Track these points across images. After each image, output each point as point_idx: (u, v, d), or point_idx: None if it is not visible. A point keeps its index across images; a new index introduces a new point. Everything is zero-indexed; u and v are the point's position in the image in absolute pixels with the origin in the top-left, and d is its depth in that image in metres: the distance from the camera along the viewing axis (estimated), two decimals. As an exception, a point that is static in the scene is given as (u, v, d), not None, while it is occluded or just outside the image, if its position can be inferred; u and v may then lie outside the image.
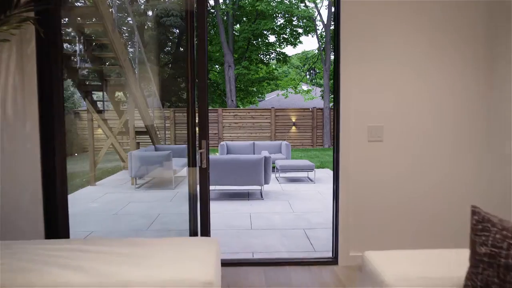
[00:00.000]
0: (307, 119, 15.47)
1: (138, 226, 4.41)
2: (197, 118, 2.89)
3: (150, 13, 16.11)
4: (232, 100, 17.78)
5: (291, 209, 5.20)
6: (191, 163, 2.94)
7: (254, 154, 9.26)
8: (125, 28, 14.41)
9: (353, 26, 2.91)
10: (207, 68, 2.92)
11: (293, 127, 15.43)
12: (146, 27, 16.45)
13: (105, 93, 6.83)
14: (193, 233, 3.04)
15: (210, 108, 19.54)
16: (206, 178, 2.96)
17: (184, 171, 6.72)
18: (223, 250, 3.54)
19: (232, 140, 14.97)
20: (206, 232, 3.00)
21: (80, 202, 5.63)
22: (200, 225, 2.99)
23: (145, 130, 7.54)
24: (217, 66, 21.64)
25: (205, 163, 2.91)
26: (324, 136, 15.39)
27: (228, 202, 5.69)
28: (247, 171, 5.77)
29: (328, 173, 8.59)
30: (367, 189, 3.04)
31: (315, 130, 15.48)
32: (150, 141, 7.92)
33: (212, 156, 6.01)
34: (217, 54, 20.02)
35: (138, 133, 7.50)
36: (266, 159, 5.92)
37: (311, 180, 7.56)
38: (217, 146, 10.06)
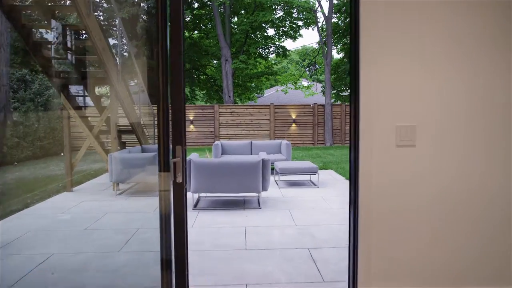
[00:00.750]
0: (308, 116, 14.81)
1: (111, 246, 3.69)
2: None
3: (142, 4, 15.31)
4: (229, 96, 17.00)
5: (292, 221, 4.48)
6: (162, 167, 2.19)
7: (251, 154, 8.52)
8: (116, 20, 13.65)
9: (375, 13, 2.20)
10: (183, 55, 2.24)
11: (293, 124, 14.74)
12: (140, 19, 15.65)
13: (83, 87, 6.09)
14: (165, 263, 2.32)
15: (207, 104, 18.80)
16: (182, 197, 2.23)
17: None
18: (209, 281, 2.83)
19: (229, 139, 14.26)
20: (182, 264, 2.28)
21: (49, 214, 4.88)
22: (174, 254, 2.28)
23: (131, 128, 6.78)
24: (215, 62, 20.89)
25: (181, 177, 2.19)
26: (325, 133, 14.73)
27: (220, 212, 4.95)
28: (242, 177, 5.04)
29: (332, 175, 7.86)
30: (395, 202, 2.32)
31: (316, 127, 14.83)
32: (137, 140, 7.16)
33: (202, 159, 5.26)
34: (214, 48, 19.25)
35: (122, 132, 6.76)
36: (264, 162, 5.18)
37: (314, 184, 6.83)
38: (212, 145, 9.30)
